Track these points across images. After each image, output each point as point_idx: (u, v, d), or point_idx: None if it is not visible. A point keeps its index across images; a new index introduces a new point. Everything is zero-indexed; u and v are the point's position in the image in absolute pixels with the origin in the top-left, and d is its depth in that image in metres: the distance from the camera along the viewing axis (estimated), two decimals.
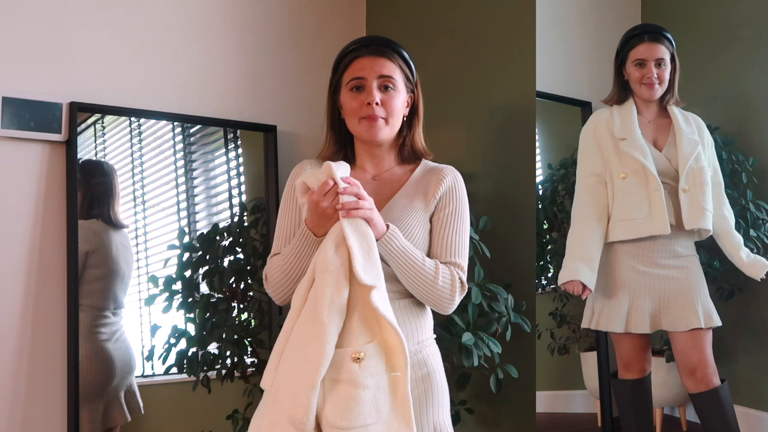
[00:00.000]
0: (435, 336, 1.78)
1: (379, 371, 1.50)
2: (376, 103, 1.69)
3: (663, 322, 2.42)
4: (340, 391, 1.47)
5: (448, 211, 1.73)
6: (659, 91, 2.46)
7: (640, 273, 2.42)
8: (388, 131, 1.73)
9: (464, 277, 1.69)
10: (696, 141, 2.45)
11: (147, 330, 2.63)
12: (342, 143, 1.80)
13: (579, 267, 2.39)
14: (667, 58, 2.46)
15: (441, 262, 1.68)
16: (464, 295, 1.71)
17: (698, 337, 2.38)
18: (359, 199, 1.56)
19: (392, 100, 1.71)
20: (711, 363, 2.38)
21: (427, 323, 1.74)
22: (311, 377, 1.44)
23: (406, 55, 1.77)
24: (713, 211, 2.45)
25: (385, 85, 1.71)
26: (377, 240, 1.58)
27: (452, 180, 1.76)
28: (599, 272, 2.42)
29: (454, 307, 1.69)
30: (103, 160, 2.60)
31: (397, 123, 1.74)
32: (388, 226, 1.61)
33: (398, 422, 1.49)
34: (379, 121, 1.70)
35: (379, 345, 1.51)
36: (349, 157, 1.81)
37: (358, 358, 1.48)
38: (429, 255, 1.71)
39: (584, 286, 2.38)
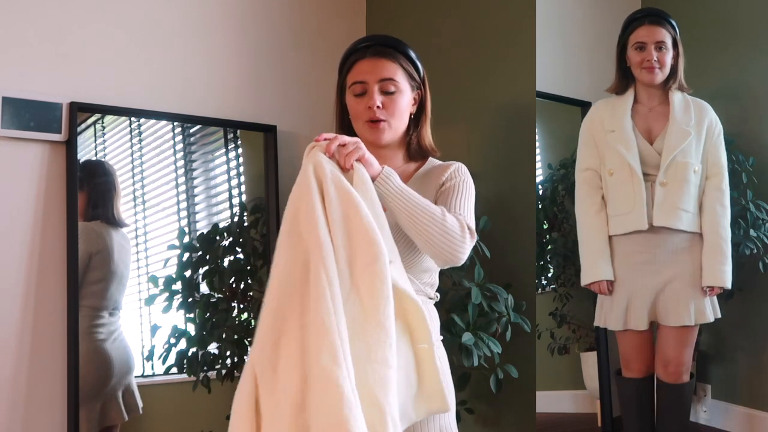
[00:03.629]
0: (441, 338, 1.78)
1: (406, 347, 1.44)
2: (378, 107, 1.70)
3: (658, 316, 2.44)
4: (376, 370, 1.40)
5: (451, 184, 1.71)
6: (660, 75, 2.43)
7: (637, 268, 2.42)
8: (391, 133, 1.74)
9: (473, 227, 1.63)
10: (688, 132, 2.39)
11: (147, 330, 2.63)
12: None
13: (598, 264, 2.43)
14: (669, 42, 2.42)
15: None
16: (474, 243, 1.62)
17: (682, 333, 2.40)
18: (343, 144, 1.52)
19: (394, 103, 1.71)
20: (686, 361, 2.43)
21: (433, 325, 1.73)
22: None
23: (411, 54, 1.77)
24: (696, 209, 2.40)
25: (387, 87, 1.71)
26: (374, 180, 1.54)
27: (457, 167, 1.76)
28: None
29: (466, 253, 1.61)
30: (103, 159, 2.60)
31: (400, 124, 1.75)
32: (382, 168, 1.58)
33: (430, 396, 1.42)
34: (381, 124, 1.72)
35: (401, 322, 1.43)
36: None
37: None
38: None
39: (609, 282, 2.43)
